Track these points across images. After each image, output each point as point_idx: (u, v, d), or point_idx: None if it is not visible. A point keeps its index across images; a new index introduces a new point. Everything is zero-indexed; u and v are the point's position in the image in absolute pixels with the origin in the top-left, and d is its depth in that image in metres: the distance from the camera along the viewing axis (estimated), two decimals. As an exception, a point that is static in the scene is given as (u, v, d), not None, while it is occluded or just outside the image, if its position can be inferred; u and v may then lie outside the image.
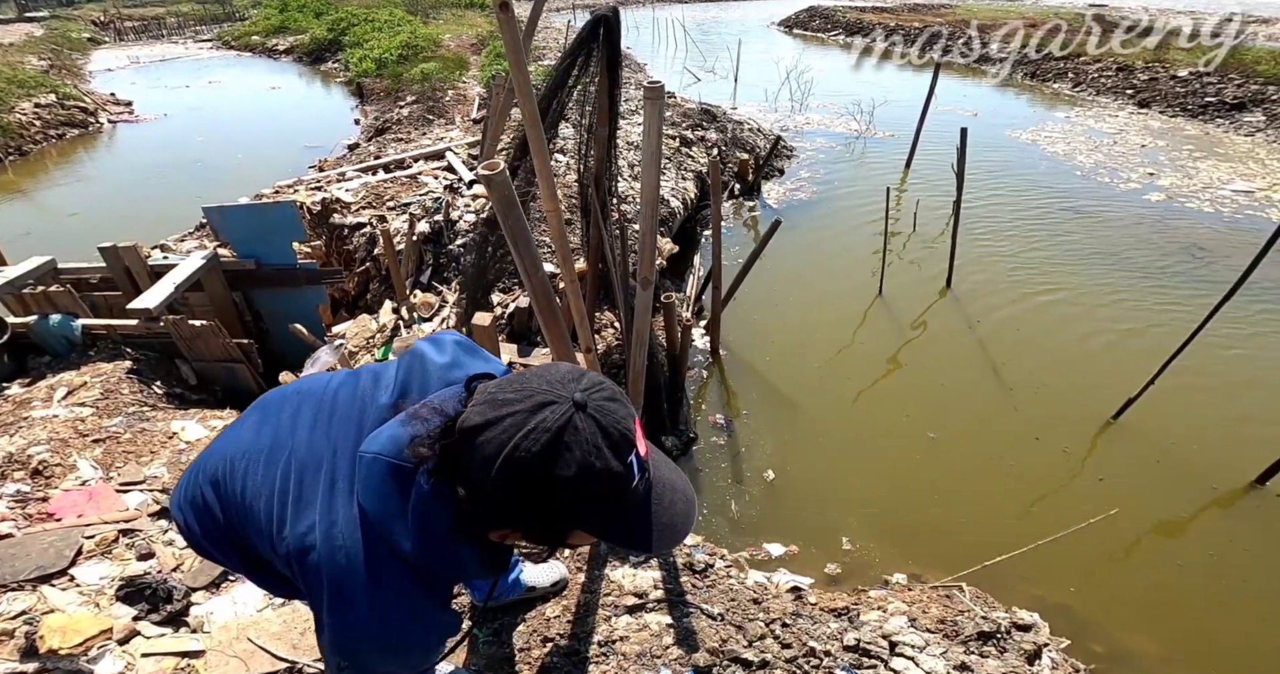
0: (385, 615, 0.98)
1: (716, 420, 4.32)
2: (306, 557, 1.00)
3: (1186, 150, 9.61)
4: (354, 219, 5.50)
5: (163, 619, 2.22)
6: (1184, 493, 3.75)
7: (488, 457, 0.83)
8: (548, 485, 0.83)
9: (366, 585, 0.97)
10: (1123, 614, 3.10)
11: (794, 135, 10.29)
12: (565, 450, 0.82)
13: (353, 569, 0.97)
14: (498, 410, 0.84)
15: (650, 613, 2.34)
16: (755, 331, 5.28)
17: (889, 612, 2.45)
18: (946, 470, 3.91)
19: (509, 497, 0.85)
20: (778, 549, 3.37)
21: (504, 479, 0.83)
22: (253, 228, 4.72)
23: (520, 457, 0.82)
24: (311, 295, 4.92)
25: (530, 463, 0.82)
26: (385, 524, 0.96)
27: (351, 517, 0.99)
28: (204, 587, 2.37)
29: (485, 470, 0.83)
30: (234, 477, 1.14)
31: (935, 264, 6.09)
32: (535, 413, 0.83)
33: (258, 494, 1.09)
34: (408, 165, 6.75)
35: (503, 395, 0.86)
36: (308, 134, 10.88)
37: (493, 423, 0.84)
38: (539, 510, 0.86)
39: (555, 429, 0.82)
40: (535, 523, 0.89)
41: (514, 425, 0.83)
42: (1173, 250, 6.48)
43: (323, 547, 0.98)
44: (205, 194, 7.51)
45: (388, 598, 0.98)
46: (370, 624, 0.98)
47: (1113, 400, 4.23)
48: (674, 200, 6.46)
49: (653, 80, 2.12)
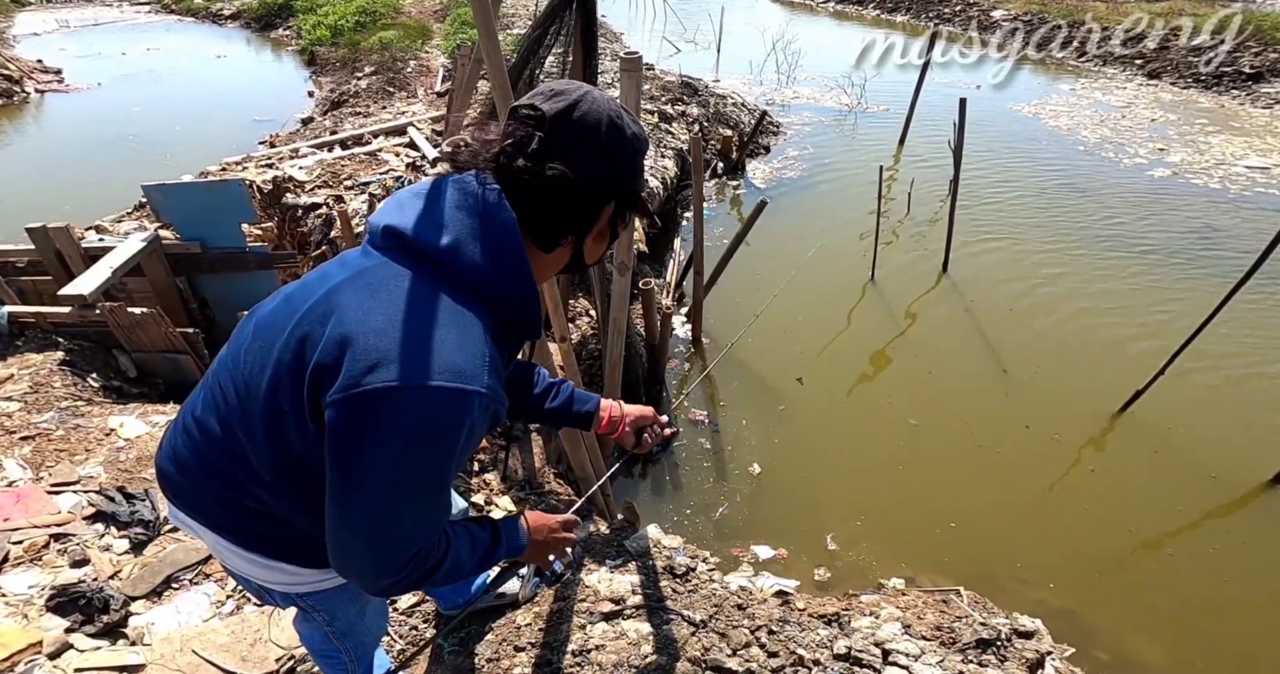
0: (458, 332, 0.97)
1: (696, 417, 4.32)
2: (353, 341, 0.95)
3: (1199, 124, 9.59)
4: (308, 199, 5.43)
5: (99, 631, 2.17)
6: (1197, 491, 3.76)
7: (593, 123, 1.02)
8: (634, 141, 1.08)
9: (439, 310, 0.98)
10: (1131, 620, 3.10)
11: (781, 110, 10.29)
12: (628, 112, 1.08)
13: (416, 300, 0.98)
14: (569, 96, 1.03)
15: (628, 620, 2.34)
16: (739, 319, 5.28)
17: (882, 618, 2.46)
18: (944, 468, 3.95)
19: (617, 156, 1.06)
20: (766, 552, 3.38)
21: (613, 139, 1.05)
22: (198, 208, 4.63)
23: (614, 117, 1.04)
24: (262, 281, 4.84)
25: (622, 122, 1.05)
26: (405, 227, 1.02)
27: (395, 274, 1.01)
28: (144, 595, 2.32)
29: (595, 135, 1.03)
30: (226, 382, 1.13)
31: (931, 247, 6.14)
32: (594, 90, 1.05)
33: (260, 368, 1.05)
34: (367, 141, 6.67)
35: (559, 88, 1.05)
36: (257, 107, 10.67)
37: (579, 101, 1.02)
38: (628, 171, 1.09)
39: (614, 99, 1.07)
40: (623, 191, 1.10)
41: (595, 98, 1.04)
42: (1183, 231, 6.53)
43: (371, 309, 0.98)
44: (145, 171, 7.33)
45: (444, 317, 0.98)
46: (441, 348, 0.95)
47: (1119, 392, 4.26)
48: (653, 180, 6.44)
49: (630, 51, 2.09)
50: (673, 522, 3.61)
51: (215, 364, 1.20)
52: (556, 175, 1.02)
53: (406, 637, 2.27)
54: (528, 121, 1.03)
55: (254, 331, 1.11)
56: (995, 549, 3.46)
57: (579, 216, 1.09)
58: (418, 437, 0.94)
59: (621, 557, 2.69)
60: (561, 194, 1.04)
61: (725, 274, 4.91)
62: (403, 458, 0.95)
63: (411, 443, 0.94)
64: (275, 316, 1.08)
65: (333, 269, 1.09)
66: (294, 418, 1.02)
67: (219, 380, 1.15)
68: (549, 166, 1.02)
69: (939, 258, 5.86)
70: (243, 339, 1.13)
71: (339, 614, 1.46)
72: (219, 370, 1.17)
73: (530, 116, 1.03)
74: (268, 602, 1.42)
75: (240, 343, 1.13)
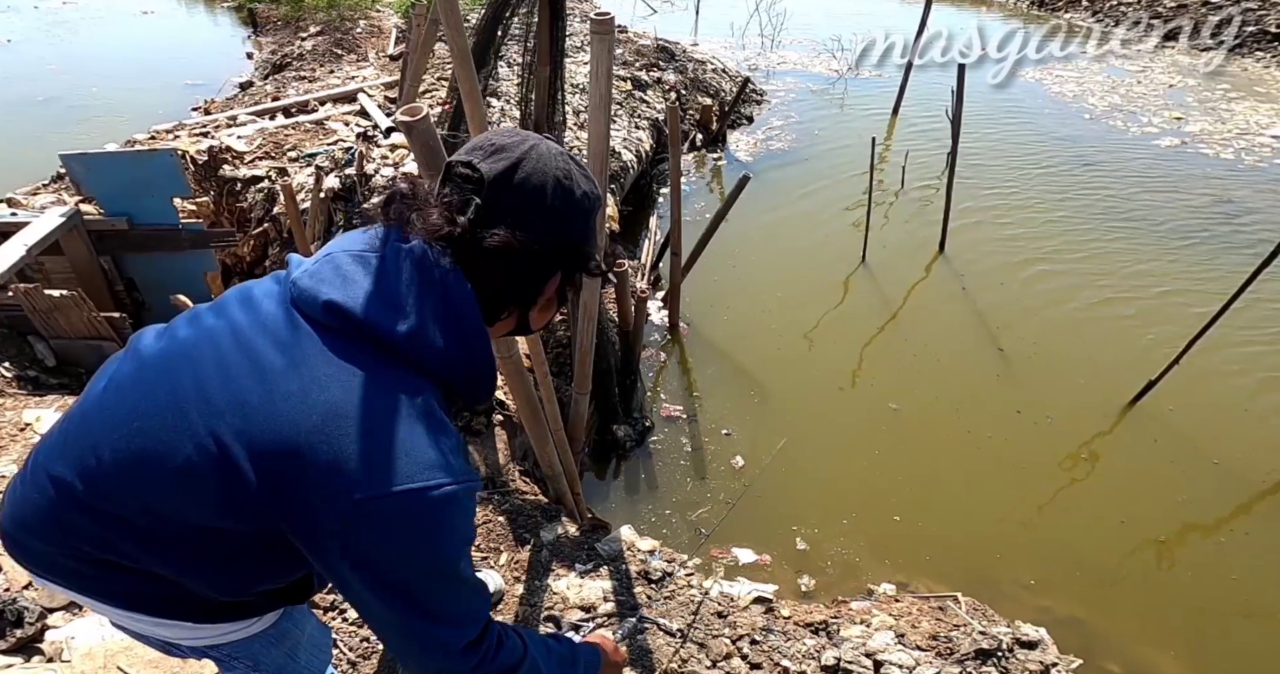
0: (427, 428, 0.97)
1: (672, 413, 4.31)
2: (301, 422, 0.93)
3: (1220, 90, 9.59)
4: (248, 171, 5.35)
5: (11, 647, 2.13)
6: (1217, 489, 3.78)
7: (537, 186, 1.00)
8: (584, 201, 1.05)
9: (392, 410, 0.96)
10: (1143, 629, 3.11)
11: (765, 77, 10.26)
12: (579, 168, 1.06)
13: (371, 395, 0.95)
14: (511, 153, 1.00)
15: (599, 629, 2.33)
16: (720, 304, 5.28)
17: (873, 626, 2.49)
18: (942, 464, 3.98)
19: (565, 220, 1.04)
20: (748, 556, 3.39)
21: (560, 201, 1.02)
22: (124, 180, 4.53)
23: (562, 177, 1.02)
24: (197, 261, 4.77)
25: (571, 181, 1.03)
26: (354, 308, 0.97)
27: (302, 344, 0.97)
28: (63, 607, 2.28)
29: (539, 198, 1.00)
30: (101, 440, 1.03)
31: (926, 225, 6.16)
32: (540, 143, 1.02)
33: (158, 445, 0.99)
34: (313, 109, 6.57)
35: (501, 142, 1.01)
36: (189, 70, 10.40)
37: (521, 160, 1.00)
38: (578, 236, 1.07)
39: (563, 153, 1.04)
40: (572, 257, 1.08)
41: (540, 155, 1.01)
42: (1201, 206, 6.56)
43: (321, 396, 0.94)
44: (63, 139, 7.14)
45: (405, 408, 0.97)
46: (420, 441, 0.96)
47: (1131, 382, 4.28)
48: (626, 153, 6.40)
49: (601, 11, 2.06)
50: (648, 523, 3.61)
51: (85, 402, 1.10)
52: (496, 245, 0.99)
53: (357, 650, 2.24)
54: (465, 183, 1.01)
55: (139, 386, 1.03)
56: (996, 551, 3.47)
57: (522, 288, 1.08)
58: (433, 538, 0.97)
59: (593, 560, 2.69)
60: (502, 263, 1.02)
61: (705, 255, 4.90)
62: (418, 559, 0.98)
63: (430, 544, 0.97)
64: (174, 378, 1.01)
65: (251, 333, 1.00)
66: (215, 510, 0.99)
67: (90, 433, 1.04)
68: (489, 233, 0.99)
69: (935, 236, 5.88)
70: (122, 387, 1.05)
71: (263, 660, 1.37)
72: (89, 418, 1.06)
73: (468, 177, 1.00)
74: (175, 655, 1.34)
75: (119, 393, 1.05)
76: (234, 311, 1.05)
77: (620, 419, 4.07)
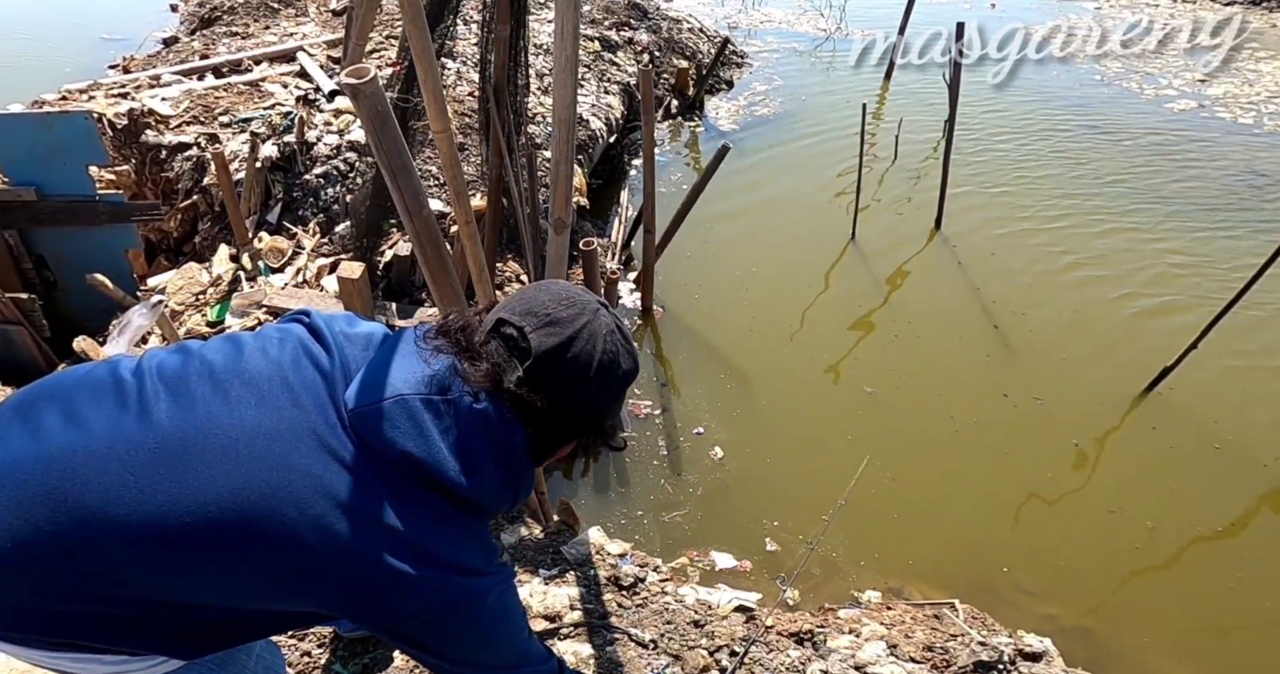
0: (460, 548, 1.14)
1: (642, 412, 4.30)
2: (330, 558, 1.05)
3: (1248, 50, 9.58)
4: (175, 138, 5.24)
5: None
6: (1236, 488, 3.80)
7: (583, 366, 1.13)
8: (623, 380, 1.20)
9: (434, 537, 1.11)
10: (1157, 639, 3.12)
11: (746, 36, 10.26)
12: (625, 345, 1.19)
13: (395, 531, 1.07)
14: (564, 329, 1.12)
15: (565, 641, 2.34)
16: (697, 285, 5.29)
17: (863, 636, 2.51)
18: (939, 458, 4.01)
19: (601, 398, 1.19)
20: (727, 560, 3.41)
21: (600, 383, 1.16)
22: (31, 145, 4.44)
23: (607, 360, 1.15)
24: (117, 236, 4.69)
25: (615, 364, 1.17)
26: (432, 464, 1.08)
27: (370, 480, 1.08)
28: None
29: (583, 379, 1.14)
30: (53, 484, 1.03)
31: (922, 200, 6.19)
32: (595, 318, 1.15)
33: None
34: (247, 69, 6.45)
35: (557, 313, 1.14)
36: (105, 22, 10.12)
37: (573, 339, 1.12)
38: (607, 413, 1.23)
39: (614, 327, 1.18)
40: (596, 430, 1.25)
41: (591, 336, 1.14)
42: (1223, 178, 6.61)
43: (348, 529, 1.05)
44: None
45: (457, 535, 1.14)
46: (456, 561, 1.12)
47: (1144, 370, 4.31)
48: (595, 121, 6.36)
49: (569, -39, 2.04)
50: (619, 524, 3.62)
51: (61, 434, 1.07)
52: (534, 406, 1.13)
53: (298, 665, 2.24)
54: (512, 348, 1.13)
55: (167, 467, 1.04)
56: (997, 554, 3.49)
57: (541, 446, 1.20)
58: (492, 630, 1.18)
59: (558, 565, 2.70)
60: (535, 424, 1.15)
61: (681, 233, 4.89)
62: (484, 641, 1.19)
63: (491, 631, 1.18)
64: (225, 467, 1.06)
65: (316, 464, 1.08)
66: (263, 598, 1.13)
67: (92, 486, 1.03)
68: (530, 396, 1.12)
69: (931, 212, 5.91)
70: (137, 452, 1.05)
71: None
72: (75, 461, 1.04)
73: (514, 343, 1.13)
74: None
75: (131, 458, 1.04)
76: (281, 407, 1.11)
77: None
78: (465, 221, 2.50)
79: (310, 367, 1.15)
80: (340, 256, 4.39)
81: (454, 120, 5.17)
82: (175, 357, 1.18)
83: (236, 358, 1.15)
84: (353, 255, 4.33)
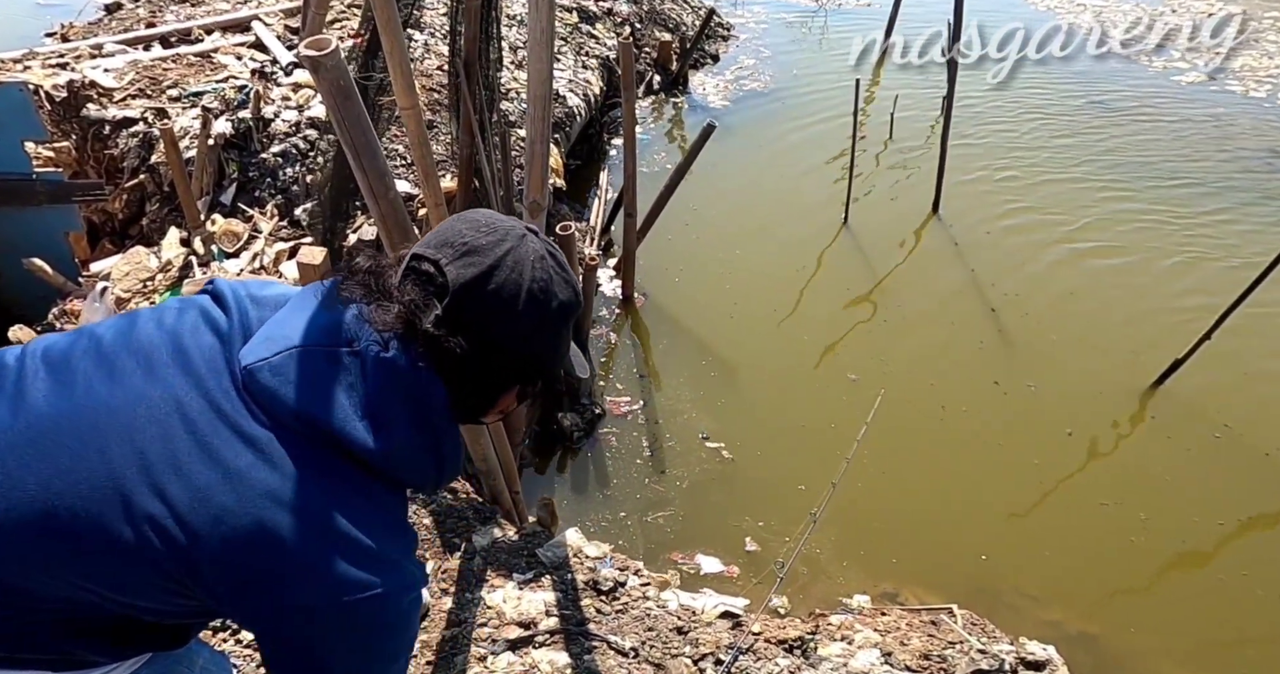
0: (372, 533, 1.02)
1: (623, 409, 4.29)
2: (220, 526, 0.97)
3: (1269, 20, 9.60)
4: (119, 112, 5.18)
5: None
6: (1251, 487, 3.82)
7: (509, 298, 1.03)
8: (559, 313, 1.09)
9: (338, 508, 1.00)
10: (1166, 647, 3.14)
11: (731, 7, 10.24)
12: (560, 273, 1.09)
13: (304, 498, 0.99)
14: (484, 257, 1.03)
15: (541, 649, 2.34)
16: (681, 272, 5.29)
17: (856, 644, 2.52)
18: (935, 455, 4.03)
19: (535, 334, 1.08)
20: (713, 564, 3.41)
21: (532, 317, 1.06)
22: (-39, 120, 4.36)
23: (538, 290, 1.05)
24: (57, 217, 4.61)
25: (548, 293, 1.06)
26: (332, 423, 1.00)
27: (265, 445, 1.00)
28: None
29: (509, 313, 1.04)
30: None
31: (919, 182, 6.21)
32: (521, 244, 1.06)
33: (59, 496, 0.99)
34: (198, 38, 6.36)
35: (475, 241, 1.04)
36: (42, -14, 10.02)
37: (494, 268, 1.02)
38: (545, 351, 1.12)
39: (545, 254, 1.08)
40: (534, 372, 1.14)
41: (516, 262, 1.04)
42: (1239, 157, 6.64)
43: (237, 501, 0.97)
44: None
45: (369, 517, 1.03)
46: (358, 547, 1.01)
47: (1154, 363, 4.32)
48: (572, 97, 6.33)
49: (546, -74, 2.02)
50: (598, 526, 3.62)
51: None
52: (454, 354, 1.03)
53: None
54: (427, 285, 1.03)
55: (49, 444, 1.01)
56: (997, 557, 3.50)
57: (475, 399, 1.13)
58: (379, 637, 1.05)
59: (533, 569, 2.69)
60: (457, 374, 1.06)
61: (664, 216, 4.88)
62: (352, 655, 1.05)
63: (385, 643, 1.07)
64: (103, 444, 1.00)
65: (204, 419, 1.02)
66: (140, 587, 1.03)
67: None
68: (448, 340, 1.02)
69: (928, 193, 5.91)
70: (30, 434, 1.02)
71: None
72: None
73: (430, 278, 1.03)
74: None
75: (12, 439, 1.01)
76: (170, 374, 1.04)
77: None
78: (435, 204, 2.48)
79: (208, 332, 1.09)
80: (300, 241, 4.36)
81: (422, 96, 5.12)
82: (66, 337, 1.14)
83: (129, 331, 1.11)
84: (314, 240, 4.29)
